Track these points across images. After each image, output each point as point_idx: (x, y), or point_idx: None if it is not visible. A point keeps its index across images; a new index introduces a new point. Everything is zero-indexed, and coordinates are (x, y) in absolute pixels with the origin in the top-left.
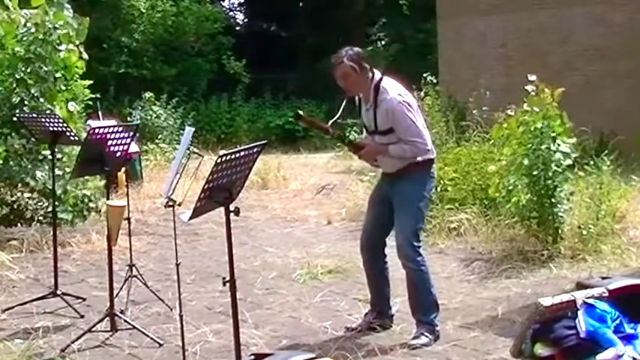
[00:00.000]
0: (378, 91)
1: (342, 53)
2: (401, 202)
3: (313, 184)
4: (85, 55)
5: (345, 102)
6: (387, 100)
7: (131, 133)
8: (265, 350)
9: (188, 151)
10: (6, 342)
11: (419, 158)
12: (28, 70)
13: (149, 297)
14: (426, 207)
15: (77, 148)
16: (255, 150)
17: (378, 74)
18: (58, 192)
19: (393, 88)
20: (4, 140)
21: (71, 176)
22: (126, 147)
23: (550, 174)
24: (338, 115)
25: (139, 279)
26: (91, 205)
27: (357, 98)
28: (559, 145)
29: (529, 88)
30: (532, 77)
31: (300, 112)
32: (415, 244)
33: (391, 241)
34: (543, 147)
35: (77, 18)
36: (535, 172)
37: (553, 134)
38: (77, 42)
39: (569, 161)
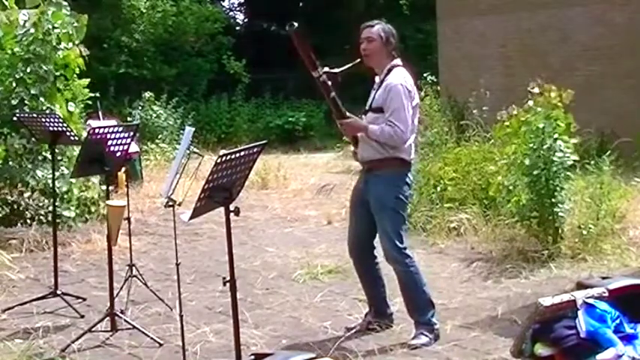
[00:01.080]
0: (389, 73)
1: (377, 21)
2: (376, 206)
3: (313, 184)
4: (86, 51)
5: (356, 62)
6: (391, 81)
7: (131, 133)
8: (265, 350)
9: (188, 151)
10: (6, 342)
11: (393, 152)
12: (28, 70)
13: (149, 297)
14: (404, 209)
15: (77, 148)
16: (255, 150)
17: (398, 61)
18: (63, 189)
19: (402, 75)
20: (4, 140)
21: (71, 176)
22: (126, 147)
23: (551, 174)
24: (340, 70)
25: (139, 279)
26: (93, 208)
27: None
28: (561, 145)
29: (535, 89)
30: (538, 80)
31: (295, 24)
32: (400, 245)
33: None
34: (545, 147)
35: (75, 16)
36: (536, 172)
37: (555, 134)
38: (77, 41)
39: (570, 161)
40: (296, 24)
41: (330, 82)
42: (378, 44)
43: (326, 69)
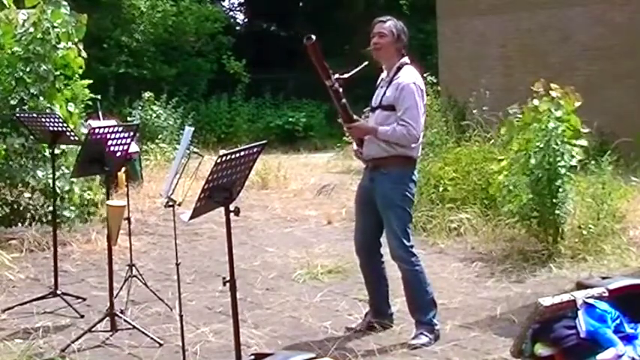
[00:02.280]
0: (398, 71)
1: (389, 18)
2: (383, 203)
3: (313, 184)
4: (84, 54)
5: (364, 65)
6: (402, 79)
7: (131, 133)
8: (265, 350)
9: (188, 151)
10: (6, 342)
11: (401, 150)
12: (27, 70)
13: (149, 297)
14: (410, 206)
15: (77, 147)
16: (255, 150)
17: (407, 59)
18: (64, 189)
19: (413, 74)
20: (4, 140)
21: (71, 176)
22: (126, 147)
23: (554, 175)
24: (349, 75)
25: (139, 279)
26: (94, 209)
27: (379, 79)
28: (567, 146)
29: (540, 89)
30: (542, 80)
31: (313, 37)
32: (407, 244)
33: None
34: (551, 147)
35: (74, 15)
36: (538, 172)
37: (564, 137)
38: (76, 40)
39: (574, 162)
40: (313, 37)
41: (340, 89)
42: (390, 40)
43: (336, 75)
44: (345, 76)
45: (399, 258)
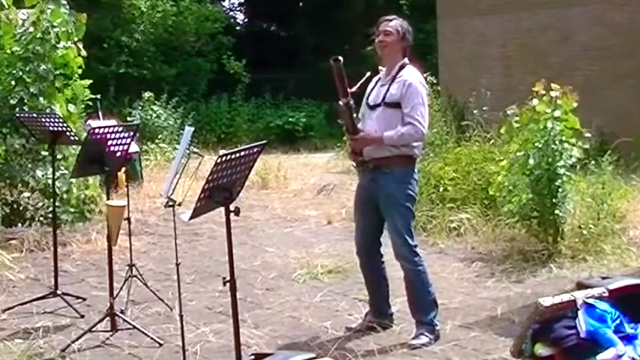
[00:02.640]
0: (400, 70)
1: (395, 17)
2: (387, 203)
3: (313, 184)
4: (84, 52)
5: (367, 76)
6: (407, 77)
7: (131, 133)
8: (265, 350)
9: (188, 151)
10: (6, 342)
11: (404, 150)
12: (27, 69)
13: (149, 297)
14: (413, 205)
15: (77, 147)
16: (255, 150)
17: (407, 60)
18: (63, 189)
19: (417, 74)
20: (3, 140)
21: (71, 176)
22: (126, 147)
23: (554, 174)
24: (359, 85)
25: (139, 279)
26: (93, 206)
27: (374, 81)
28: (566, 146)
29: (541, 90)
30: (542, 80)
31: (341, 59)
32: (411, 243)
33: (387, 241)
34: (550, 147)
35: (74, 14)
36: (538, 172)
37: (563, 136)
38: (75, 39)
39: (573, 160)
40: (341, 58)
41: (353, 105)
42: (395, 38)
43: (349, 90)
44: (353, 89)
45: (403, 257)
